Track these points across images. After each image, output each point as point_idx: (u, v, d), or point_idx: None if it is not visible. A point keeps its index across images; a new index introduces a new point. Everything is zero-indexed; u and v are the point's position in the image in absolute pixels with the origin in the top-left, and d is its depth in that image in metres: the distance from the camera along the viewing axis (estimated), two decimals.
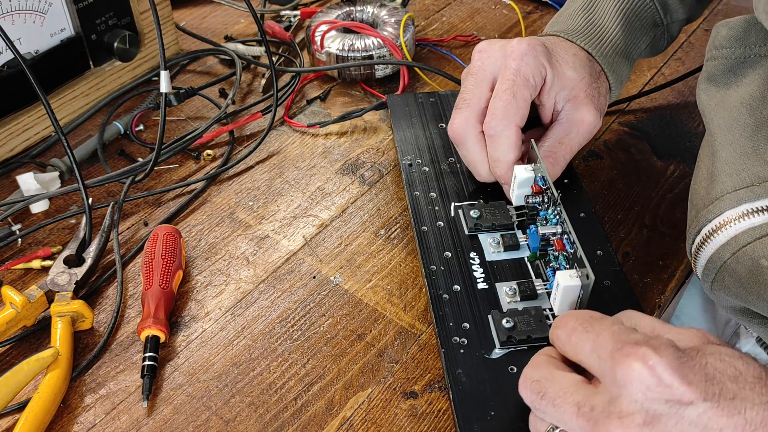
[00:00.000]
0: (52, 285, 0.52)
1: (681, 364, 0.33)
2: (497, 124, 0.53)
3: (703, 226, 0.47)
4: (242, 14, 0.86)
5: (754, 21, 0.50)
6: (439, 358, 0.49)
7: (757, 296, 0.44)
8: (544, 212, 0.52)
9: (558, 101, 0.56)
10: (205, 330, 0.52)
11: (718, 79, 0.52)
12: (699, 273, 0.49)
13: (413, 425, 0.46)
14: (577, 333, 0.37)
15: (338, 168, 0.65)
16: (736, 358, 0.34)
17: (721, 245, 0.46)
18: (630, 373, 0.33)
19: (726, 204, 0.46)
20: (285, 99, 0.71)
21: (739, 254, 0.45)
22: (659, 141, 0.67)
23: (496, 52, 0.55)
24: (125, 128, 0.68)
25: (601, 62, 0.57)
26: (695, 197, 0.50)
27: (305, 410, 0.47)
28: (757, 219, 0.44)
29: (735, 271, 0.45)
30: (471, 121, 0.55)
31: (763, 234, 0.44)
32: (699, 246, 0.48)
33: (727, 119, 0.49)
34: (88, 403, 0.48)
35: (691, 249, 0.49)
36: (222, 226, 0.60)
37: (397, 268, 0.56)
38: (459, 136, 0.56)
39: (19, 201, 0.59)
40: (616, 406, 0.34)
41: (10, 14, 0.61)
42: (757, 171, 0.46)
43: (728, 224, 0.46)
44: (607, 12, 0.59)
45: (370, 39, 0.73)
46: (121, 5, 0.69)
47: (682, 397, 0.33)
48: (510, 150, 0.53)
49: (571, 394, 0.36)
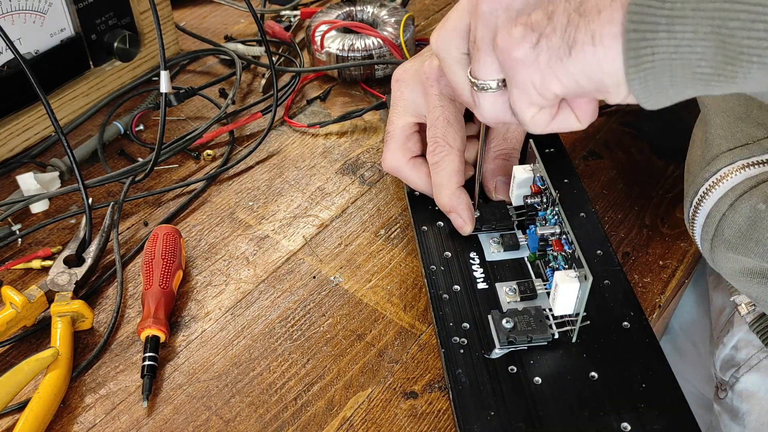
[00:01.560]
0: (52, 285, 0.52)
1: None
2: (440, 151, 0.52)
3: (700, 186, 0.49)
4: (242, 14, 0.87)
5: None
6: (439, 358, 0.49)
7: (757, 242, 0.45)
8: (543, 212, 0.52)
9: None
10: (205, 330, 0.52)
11: None
12: (698, 235, 0.50)
13: (413, 425, 0.46)
14: None
15: (338, 168, 0.65)
16: None
17: (719, 198, 0.47)
18: None
19: (722, 162, 0.48)
20: (285, 99, 0.71)
21: (736, 204, 0.46)
22: (659, 141, 0.67)
23: (411, 79, 0.55)
24: (125, 128, 0.68)
25: None
26: (691, 164, 0.52)
27: (305, 410, 0.47)
28: (753, 171, 0.46)
29: (734, 221, 0.46)
30: (398, 154, 0.55)
31: (759, 182, 0.45)
32: (697, 205, 0.49)
33: None
34: (88, 403, 0.48)
35: (689, 212, 0.50)
36: (222, 226, 0.60)
37: (397, 268, 0.56)
38: (393, 170, 0.56)
39: (19, 201, 0.59)
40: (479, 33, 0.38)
41: (10, 14, 0.61)
42: (751, 132, 0.48)
43: (725, 178, 0.47)
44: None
45: (370, 39, 0.73)
46: (121, 5, 0.69)
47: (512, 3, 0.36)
48: (453, 175, 0.52)
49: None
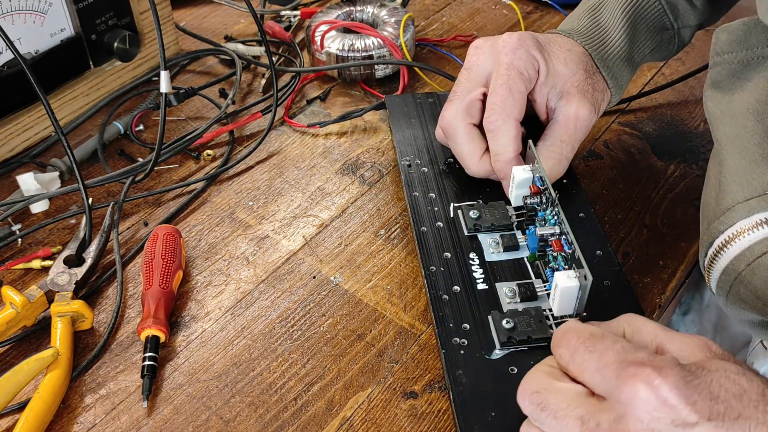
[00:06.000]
0: (52, 285, 0.52)
1: (685, 384, 0.33)
2: (496, 119, 0.53)
3: (715, 237, 0.47)
4: (242, 14, 0.86)
5: (753, 23, 0.50)
6: (439, 358, 0.49)
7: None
8: (542, 213, 0.52)
9: (550, 98, 0.56)
10: (205, 330, 0.52)
11: (723, 85, 0.51)
12: (713, 287, 0.49)
13: (413, 425, 0.46)
14: (580, 352, 0.37)
15: (338, 168, 0.65)
16: (740, 374, 0.34)
17: (735, 256, 0.45)
18: (635, 394, 0.33)
19: (738, 214, 0.45)
20: (285, 99, 0.71)
21: (754, 265, 0.44)
22: (659, 141, 0.67)
23: (488, 48, 0.56)
24: (125, 128, 0.68)
25: (600, 66, 0.57)
26: (706, 209, 0.50)
27: (305, 410, 0.47)
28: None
29: (750, 282, 0.44)
30: (461, 113, 0.56)
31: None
32: (712, 258, 0.47)
33: (734, 127, 0.48)
34: (88, 403, 0.48)
35: (704, 262, 0.48)
36: (222, 226, 0.60)
37: (397, 268, 0.56)
38: (450, 127, 0.56)
39: (19, 201, 0.59)
40: (622, 425, 0.34)
41: (10, 14, 0.61)
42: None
43: (741, 234, 0.45)
44: (612, 14, 0.59)
45: (370, 39, 0.73)
46: (121, 5, 0.69)
47: (687, 418, 0.33)
48: (510, 143, 0.53)
49: (575, 407, 0.36)
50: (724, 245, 0.46)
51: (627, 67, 0.59)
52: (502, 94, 0.53)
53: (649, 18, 0.59)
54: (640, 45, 0.59)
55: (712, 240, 0.47)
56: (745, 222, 0.45)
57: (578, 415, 0.35)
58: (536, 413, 0.37)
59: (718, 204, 0.47)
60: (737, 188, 0.46)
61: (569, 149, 0.55)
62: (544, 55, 0.55)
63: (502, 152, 0.54)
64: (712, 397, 0.33)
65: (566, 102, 0.55)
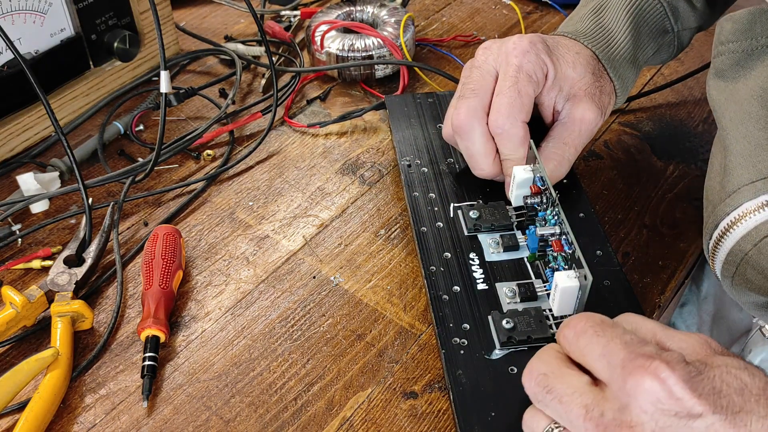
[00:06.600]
0: (52, 285, 0.52)
1: (691, 377, 0.33)
2: (504, 122, 0.53)
3: (720, 220, 0.47)
4: (242, 14, 0.86)
5: (758, 12, 0.50)
6: (439, 358, 0.49)
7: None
8: (542, 213, 0.52)
9: (557, 101, 0.56)
10: (205, 330, 0.52)
11: (726, 73, 0.51)
12: (718, 270, 0.49)
13: (413, 425, 0.46)
14: (587, 335, 0.37)
15: (338, 168, 0.65)
16: (742, 369, 0.34)
17: (742, 237, 0.46)
18: (641, 384, 0.34)
19: (743, 196, 0.46)
20: (285, 99, 0.71)
21: (761, 245, 0.44)
22: (659, 141, 0.67)
23: (496, 50, 0.55)
24: (125, 128, 0.68)
25: (608, 67, 0.57)
26: (710, 193, 0.50)
27: (305, 410, 0.47)
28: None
29: (757, 263, 0.45)
30: (479, 112, 0.54)
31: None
32: (717, 240, 0.47)
33: (738, 112, 0.49)
34: (88, 403, 0.48)
35: (709, 245, 0.49)
36: (222, 226, 0.60)
37: (397, 268, 0.56)
38: (465, 125, 0.54)
39: (19, 201, 0.59)
40: (626, 415, 0.34)
41: (10, 14, 0.61)
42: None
43: (747, 215, 0.45)
44: (616, 16, 0.59)
45: (370, 39, 0.73)
46: (121, 5, 0.69)
47: (692, 409, 0.33)
48: (520, 146, 0.53)
49: (580, 395, 0.36)
50: (729, 227, 0.46)
51: (632, 69, 0.59)
52: (510, 96, 0.53)
53: (651, 20, 0.59)
54: (643, 47, 0.59)
55: (717, 222, 0.47)
56: (751, 203, 0.45)
57: (583, 402, 0.36)
58: (541, 395, 0.38)
59: (723, 188, 0.48)
60: (743, 171, 0.46)
61: (572, 152, 0.55)
62: (553, 59, 0.54)
63: (512, 155, 0.54)
64: (716, 391, 0.33)
65: (573, 105, 0.55)
